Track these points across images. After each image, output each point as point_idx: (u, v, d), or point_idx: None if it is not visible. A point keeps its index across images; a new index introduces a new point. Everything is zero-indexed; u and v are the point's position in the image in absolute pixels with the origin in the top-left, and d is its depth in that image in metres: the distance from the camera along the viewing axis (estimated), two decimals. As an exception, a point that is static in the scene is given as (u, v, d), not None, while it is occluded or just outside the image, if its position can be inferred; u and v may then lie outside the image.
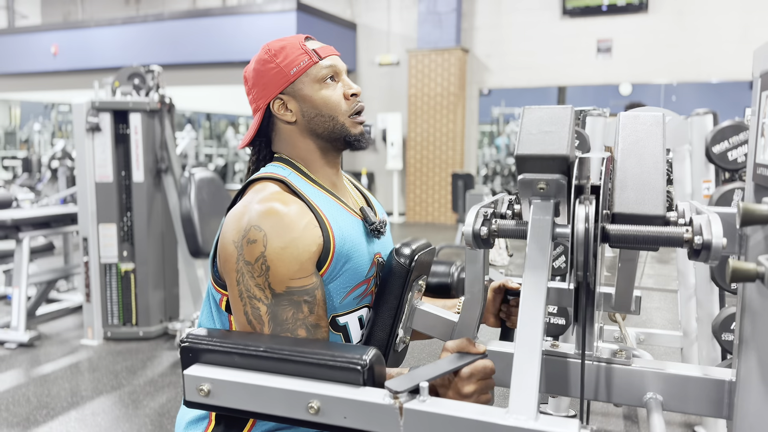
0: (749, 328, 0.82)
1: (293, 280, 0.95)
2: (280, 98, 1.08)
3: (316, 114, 1.08)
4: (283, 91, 1.08)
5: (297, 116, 1.09)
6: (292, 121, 1.09)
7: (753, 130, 0.86)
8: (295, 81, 1.07)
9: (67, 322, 4.11)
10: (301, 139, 1.10)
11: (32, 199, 4.70)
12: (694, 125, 2.29)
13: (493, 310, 1.19)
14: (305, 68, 1.07)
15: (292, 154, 1.11)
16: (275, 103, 1.08)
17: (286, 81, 1.07)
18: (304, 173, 1.09)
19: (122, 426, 2.63)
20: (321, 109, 1.08)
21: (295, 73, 1.07)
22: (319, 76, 1.07)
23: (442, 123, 9.17)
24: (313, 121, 1.08)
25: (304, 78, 1.07)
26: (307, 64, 1.07)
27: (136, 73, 3.65)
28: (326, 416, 0.78)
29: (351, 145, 1.11)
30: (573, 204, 0.78)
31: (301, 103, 1.08)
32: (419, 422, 0.73)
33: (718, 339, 2.14)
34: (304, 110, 1.08)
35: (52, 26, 10.80)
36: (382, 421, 0.75)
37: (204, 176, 3.19)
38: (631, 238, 0.79)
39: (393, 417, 0.74)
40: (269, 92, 1.08)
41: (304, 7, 8.57)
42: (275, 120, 1.11)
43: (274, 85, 1.08)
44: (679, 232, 0.77)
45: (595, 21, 8.56)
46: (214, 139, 15.08)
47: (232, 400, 0.84)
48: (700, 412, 0.90)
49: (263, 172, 1.07)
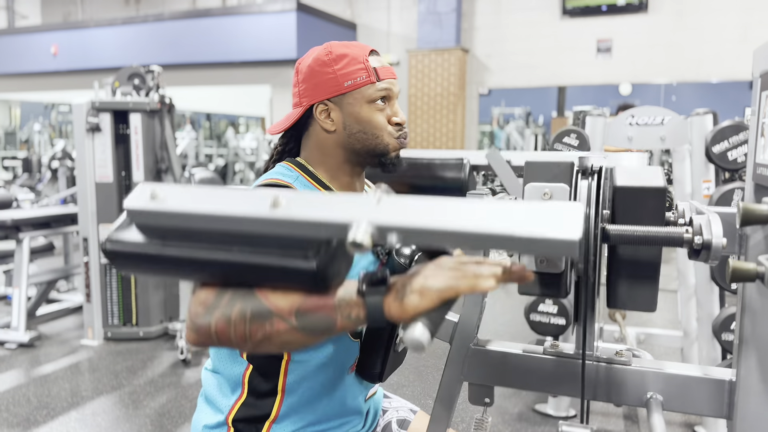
0: (749, 327, 0.82)
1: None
2: (325, 104, 1.06)
3: (359, 130, 1.06)
4: (331, 98, 1.06)
5: (337, 127, 1.07)
6: (331, 130, 1.07)
7: (753, 130, 0.86)
8: (346, 94, 1.05)
9: (67, 323, 4.10)
10: (333, 148, 1.09)
11: (32, 200, 4.70)
12: (694, 125, 2.30)
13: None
14: (360, 85, 1.05)
15: (315, 160, 1.10)
16: (318, 107, 1.07)
17: (338, 91, 1.05)
18: (315, 177, 1.09)
19: (122, 426, 2.63)
20: (365, 126, 1.06)
21: (349, 86, 1.05)
22: (372, 97, 1.06)
23: (442, 123, 9.17)
24: (354, 137, 1.07)
25: (356, 93, 1.05)
26: (364, 82, 1.05)
27: (136, 73, 3.65)
28: (287, 210, 0.64)
29: (384, 165, 1.10)
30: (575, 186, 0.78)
31: (346, 117, 1.06)
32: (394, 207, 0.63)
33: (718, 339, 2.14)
34: (346, 123, 1.06)
35: (52, 26, 10.80)
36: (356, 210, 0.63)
37: (204, 176, 3.19)
38: (631, 238, 0.79)
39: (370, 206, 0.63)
40: (317, 95, 1.06)
41: (304, 7, 8.57)
42: (312, 122, 1.09)
43: (324, 90, 1.06)
44: (679, 232, 0.77)
45: (595, 21, 8.56)
46: (214, 139, 15.08)
47: (180, 203, 0.68)
48: (700, 412, 0.90)
49: (270, 176, 1.07)
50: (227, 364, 1.07)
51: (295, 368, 1.04)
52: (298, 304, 0.67)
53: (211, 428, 1.07)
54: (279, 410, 1.05)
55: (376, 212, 0.62)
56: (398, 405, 1.31)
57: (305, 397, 1.06)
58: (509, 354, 0.99)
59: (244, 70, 9.08)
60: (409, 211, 0.62)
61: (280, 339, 0.68)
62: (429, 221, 0.60)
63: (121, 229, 0.72)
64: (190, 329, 0.69)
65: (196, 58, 9.21)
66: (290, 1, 8.44)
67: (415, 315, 0.65)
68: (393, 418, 1.26)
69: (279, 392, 1.05)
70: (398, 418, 1.26)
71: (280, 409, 1.05)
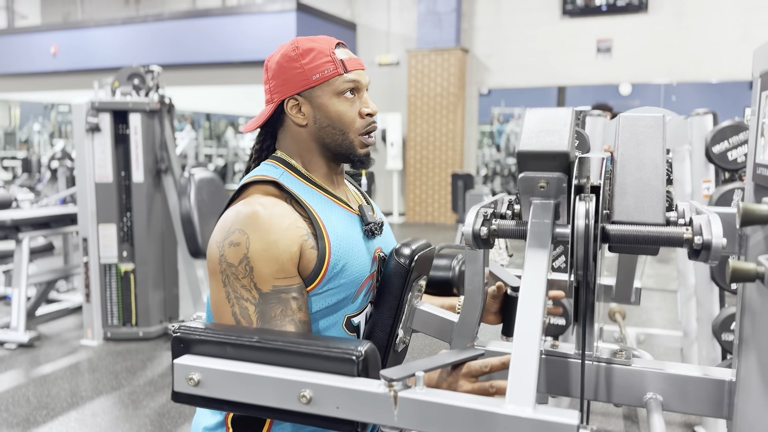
0: (749, 328, 0.82)
1: (278, 279, 0.96)
2: (295, 99, 1.07)
3: (328, 124, 1.07)
4: (300, 93, 1.06)
5: (308, 121, 1.08)
6: (302, 124, 1.08)
7: (753, 130, 0.86)
8: (315, 87, 1.06)
9: (66, 323, 4.10)
10: (307, 142, 1.10)
11: (32, 200, 4.70)
12: (694, 125, 2.29)
13: (493, 310, 1.20)
14: (328, 77, 1.05)
15: (292, 152, 1.11)
16: (289, 103, 1.07)
17: (306, 85, 1.05)
18: (299, 172, 1.09)
19: (122, 426, 2.63)
20: (334, 121, 1.07)
21: (317, 79, 1.05)
22: (340, 89, 1.06)
23: (442, 123, 9.17)
24: (324, 131, 1.07)
25: (324, 86, 1.06)
26: (331, 74, 1.05)
27: (135, 73, 3.65)
28: (318, 406, 0.75)
29: (354, 164, 1.11)
30: (573, 201, 0.78)
31: (316, 110, 1.07)
32: (414, 411, 0.71)
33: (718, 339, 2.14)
34: (317, 117, 1.07)
35: (52, 26, 10.81)
36: (375, 410, 0.73)
37: (204, 176, 3.18)
38: (631, 238, 0.79)
39: (387, 406, 0.72)
40: (286, 90, 1.07)
41: (303, 7, 8.57)
42: (285, 117, 1.10)
43: (293, 85, 1.06)
44: (679, 232, 0.77)
45: (595, 21, 8.56)
46: (213, 139, 15.08)
47: (221, 390, 0.81)
48: (700, 412, 0.90)
49: (256, 173, 1.07)
50: None
51: None
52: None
53: (211, 429, 1.07)
54: None
55: (398, 419, 0.72)
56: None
57: None
58: (509, 355, 0.98)
59: (244, 70, 9.08)
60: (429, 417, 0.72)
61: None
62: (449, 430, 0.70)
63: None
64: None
65: (196, 58, 9.22)
66: (290, 1, 8.45)
67: None
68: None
69: None
70: None
71: None
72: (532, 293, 0.76)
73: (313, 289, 1.01)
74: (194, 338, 0.87)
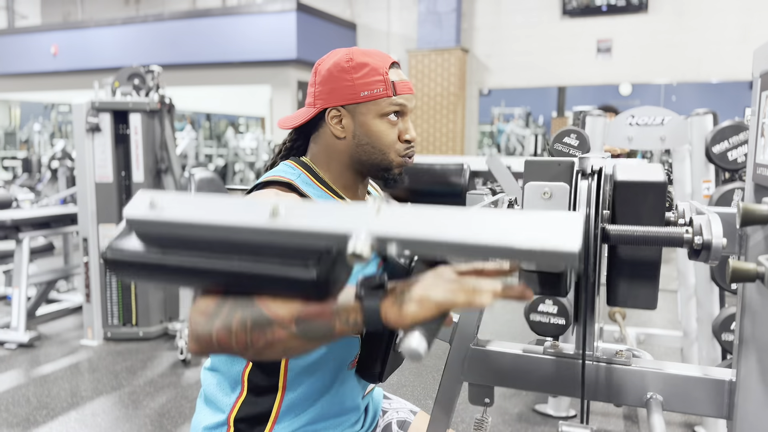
0: (749, 328, 0.82)
1: None
2: (338, 110, 1.06)
3: (367, 142, 1.07)
4: (344, 105, 1.06)
5: (347, 134, 1.07)
6: (340, 137, 1.08)
7: (753, 130, 0.86)
8: (361, 104, 1.05)
9: (67, 323, 4.10)
10: (340, 154, 1.09)
11: (32, 200, 4.70)
12: (694, 125, 2.30)
13: None
14: (376, 97, 1.05)
15: (320, 159, 1.11)
16: (331, 112, 1.07)
17: (353, 100, 1.05)
18: (317, 176, 1.09)
19: (122, 426, 2.63)
20: (373, 140, 1.06)
21: (365, 96, 1.05)
22: (385, 111, 1.05)
23: (442, 123, 9.17)
24: (362, 148, 1.07)
25: (370, 105, 1.05)
26: (380, 94, 1.05)
27: (135, 73, 3.65)
28: (285, 220, 0.66)
29: (387, 182, 1.10)
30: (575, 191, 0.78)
31: (357, 126, 1.06)
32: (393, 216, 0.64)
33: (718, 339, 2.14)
34: (356, 133, 1.07)
35: (52, 26, 10.80)
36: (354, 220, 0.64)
37: (204, 176, 3.19)
38: (631, 238, 0.79)
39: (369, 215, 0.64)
40: (331, 100, 1.06)
41: (304, 7, 8.57)
42: (323, 125, 1.10)
43: (339, 97, 1.06)
44: (680, 232, 0.77)
45: (595, 21, 8.56)
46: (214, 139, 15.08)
47: (179, 212, 0.69)
48: (700, 412, 0.90)
49: (273, 173, 1.07)
50: (226, 362, 1.07)
51: (296, 364, 1.04)
52: (298, 312, 0.68)
53: (211, 429, 1.07)
54: (280, 408, 1.05)
55: (376, 223, 0.62)
56: (398, 406, 1.30)
57: (306, 394, 1.06)
58: (509, 354, 0.98)
59: (244, 70, 9.08)
60: (409, 221, 0.62)
61: (282, 346, 0.69)
62: (428, 232, 0.61)
63: (121, 237, 0.72)
64: (192, 339, 0.70)
65: (196, 58, 9.21)
66: (290, 1, 8.44)
67: (412, 323, 0.66)
68: (393, 419, 1.26)
69: (279, 389, 1.05)
70: (398, 419, 1.26)
71: (280, 407, 1.05)
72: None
73: None
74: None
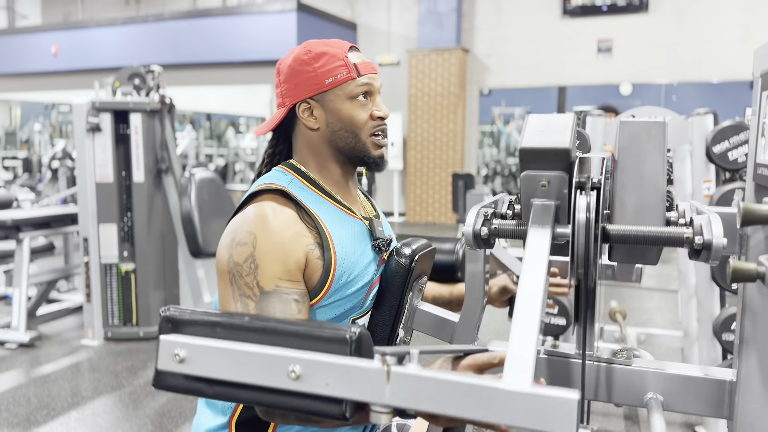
0: (750, 328, 0.82)
1: (282, 280, 0.97)
2: (307, 103, 1.07)
3: (340, 128, 1.07)
4: (312, 96, 1.06)
5: (321, 124, 1.08)
6: (314, 128, 1.08)
7: (753, 130, 0.86)
8: (327, 91, 1.06)
9: (67, 323, 4.11)
10: (319, 146, 1.10)
11: (33, 200, 4.70)
12: (695, 125, 2.30)
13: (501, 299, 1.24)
14: (341, 82, 1.05)
15: (306, 157, 1.11)
16: (301, 106, 1.07)
17: (319, 89, 1.05)
18: (309, 178, 1.09)
19: (122, 426, 2.63)
20: (346, 124, 1.07)
21: (330, 83, 1.05)
22: (353, 93, 1.06)
23: (443, 123, 9.17)
24: (336, 134, 1.08)
25: (337, 90, 1.06)
26: (344, 78, 1.05)
27: (136, 73, 3.65)
28: (307, 382, 0.71)
29: (369, 166, 1.11)
30: (574, 196, 0.78)
31: (328, 114, 1.07)
32: (408, 387, 0.67)
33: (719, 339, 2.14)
34: (329, 121, 1.07)
35: (52, 26, 10.81)
36: (367, 386, 0.69)
37: (204, 176, 3.19)
38: (631, 238, 0.79)
39: (380, 381, 0.68)
40: (298, 94, 1.07)
41: (304, 7, 8.57)
42: (297, 121, 1.10)
43: (305, 89, 1.06)
44: (680, 232, 0.77)
45: (595, 21, 8.56)
46: (214, 139, 15.09)
47: (206, 367, 0.77)
48: (701, 412, 0.90)
49: (265, 181, 1.07)
50: None
51: None
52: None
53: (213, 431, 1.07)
54: None
55: (390, 395, 0.67)
56: (398, 407, 1.30)
57: None
58: (509, 354, 0.98)
59: (244, 70, 9.08)
60: (423, 394, 0.66)
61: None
62: (444, 407, 0.65)
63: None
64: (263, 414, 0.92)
65: (196, 58, 9.21)
66: (290, 1, 8.44)
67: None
68: (393, 422, 1.26)
69: None
70: (398, 423, 1.25)
71: None
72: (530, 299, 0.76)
73: (319, 301, 1.01)
74: (184, 319, 0.84)
